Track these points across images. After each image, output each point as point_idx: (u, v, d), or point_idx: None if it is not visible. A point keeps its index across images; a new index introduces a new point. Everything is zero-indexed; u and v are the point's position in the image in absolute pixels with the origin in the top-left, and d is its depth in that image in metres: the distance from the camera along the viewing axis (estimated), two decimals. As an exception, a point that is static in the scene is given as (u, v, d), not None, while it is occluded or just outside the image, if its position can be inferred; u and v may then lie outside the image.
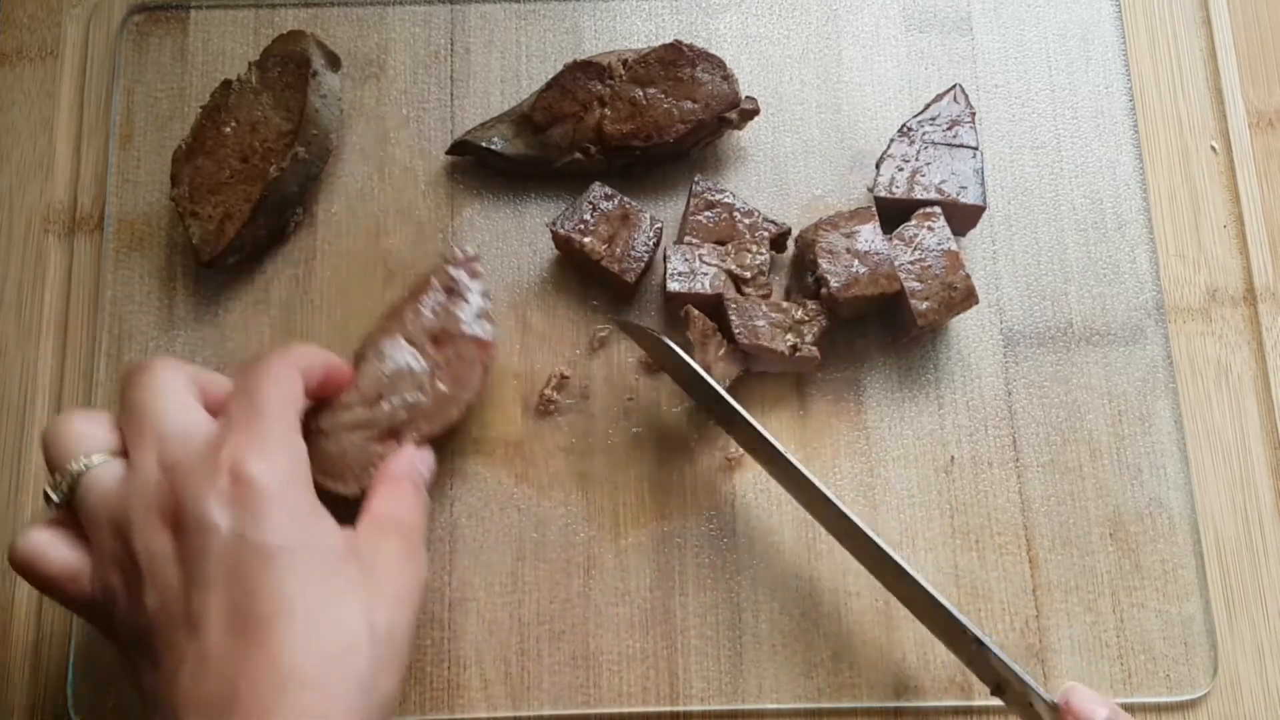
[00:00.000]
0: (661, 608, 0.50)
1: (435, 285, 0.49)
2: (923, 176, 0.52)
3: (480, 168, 0.55)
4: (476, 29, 0.58)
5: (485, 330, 0.48)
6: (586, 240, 0.51)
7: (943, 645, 0.46)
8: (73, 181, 0.56)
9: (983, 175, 0.52)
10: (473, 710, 0.49)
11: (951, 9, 0.58)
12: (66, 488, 0.39)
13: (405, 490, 0.44)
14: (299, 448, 0.40)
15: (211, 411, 0.41)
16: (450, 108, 0.57)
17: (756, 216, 0.52)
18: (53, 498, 0.39)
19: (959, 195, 0.52)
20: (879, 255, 0.50)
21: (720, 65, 0.53)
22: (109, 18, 0.58)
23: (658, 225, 0.52)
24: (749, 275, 0.51)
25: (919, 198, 0.52)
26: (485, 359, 0.48)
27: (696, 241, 0.51)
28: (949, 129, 0.53)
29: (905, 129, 0.53)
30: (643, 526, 0.51)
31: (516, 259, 0.54)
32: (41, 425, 0.53)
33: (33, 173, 0.56)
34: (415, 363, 0.47)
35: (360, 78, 0.57)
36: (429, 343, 0.47)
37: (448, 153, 0.55)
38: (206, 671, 0.35)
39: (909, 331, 0.52)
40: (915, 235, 0.51)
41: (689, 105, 0.53)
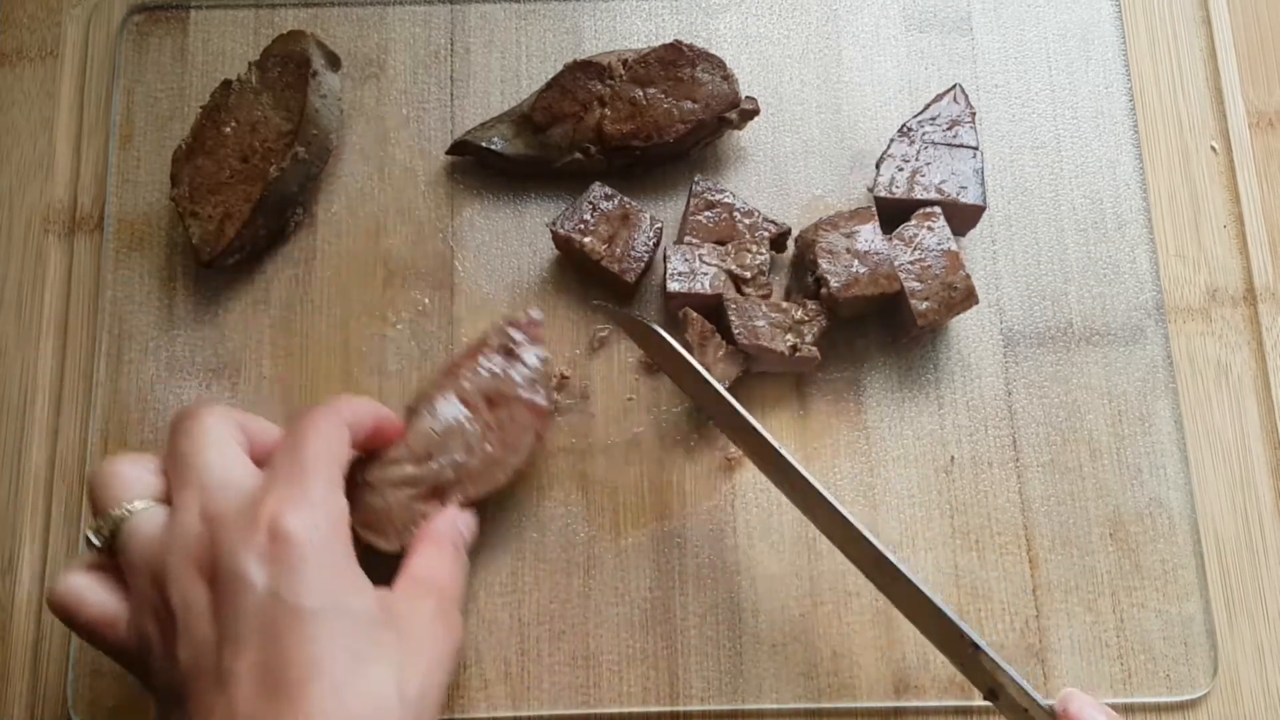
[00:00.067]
0: (661, 608, 0.50)
1: (494, 345, 0.48)
2: (923, 176, 0.52)
3: (480, 168, 0.55)
4: (476, 29, 0.58)
5: (541, 396, 0.47)
6: (586, 240, 0.51)
7: (930, 649, 0.45)
8: (73, 181, 0.56)
9: (983, 175, 0.52)
10: (472, 710, 0.49)
11: (951, 9, 0.58)
12: (108, 532, 0.39)
13: (446, 552, 0.44)
14: (340, 506, 0.39)
15: (258, 461, 0.41)
16: (450, 108, 0.57)
17: (756, 216, 0.52)
18: (94, 542, 0.39)
19: (959, 195, 0.52)
20: (879, 255, 0.50)
21: (720, 65, 0.53)
22: (109, 18, 0.58)
23: (658, 225, 0.52)
24: (749, 275, 0.51)
25: (919, 198, 0.52)
26: (538, 426, 0.47)
27: (696, 241, 0.51)
28: (949, 129, 0.53)
29: (905, 129, 0.53)
30: (643, 526, 0.51)
31: (516, 259, 0.54)
32: (42, 425, 0.53)
33: (33, 173, 0.56)
34: (467, 423, 0.46)
35: (360, 78, 0.57)
36: (483, 404, 0.46)
37: (448, 153, 0.55)
38: None
39: (909, 331, 0.52)
40: (915, 235, 0.51)
41: (689, 105, 0.53)
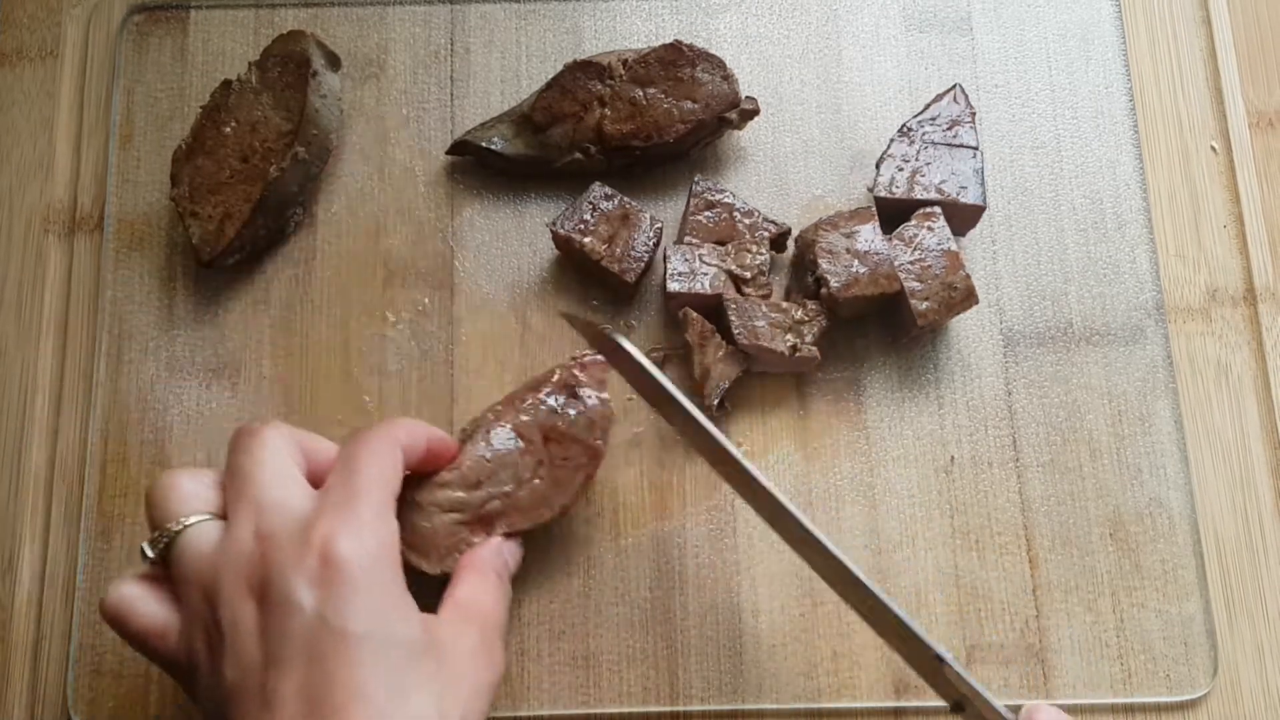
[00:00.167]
0: (661, 608, 0.50)
1: (557, 382, 0.47)
2: (923, 176, 0.52)
3: (480, 168, 0.55)
4: (476, 29, 0.58)
5: (597, 438, 0.47)
6: (586, 240, 0.51)
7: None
8: (73, 181, 0.56)
9: (983, 175, 0.52)
10: (473, 710, 0.49)
11: (951, 9, 0.58)
12: (163, 545, 0.39)
13: (490, 581, 0.44)
14: (391, 531, 0.39)
15: (315, 480, 0.41)
16: (450, 108, 0.57)
17: (756, 216, 0.52)
18: (149, 554, 0.39)
19: (959, 195, 0.52)
20: (879, 255, 0.50)
21: (720, 65, 0.53)
22: (109, 18, 0.58)
23: (658, 225, 0.52)
24: (749, 275, 0.51)
25: (919, 198, 0.52)
26: (590, 468, 0.47)
27: (696, 241, 0.51)
28: (949, 129, 0.53)
29: (905, 129, 0.53)
30: (643, 526, 0.51)
31: (516, 259, 0.54)
32: (42, 425, 0.53)
33: (33, 173, 0.56)
34: (520, 456, 0.46)
35: (360, 78, 0.57)
36: (539, 438, 0.46)
37: (448, 153, 0.55)
38: None
39: (909, 331, 0.52)
40: (915, 235, 0.51)
41: (689, 105, 0.53)
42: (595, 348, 0.48)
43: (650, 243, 0.52)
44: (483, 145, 0.54)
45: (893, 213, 0.52)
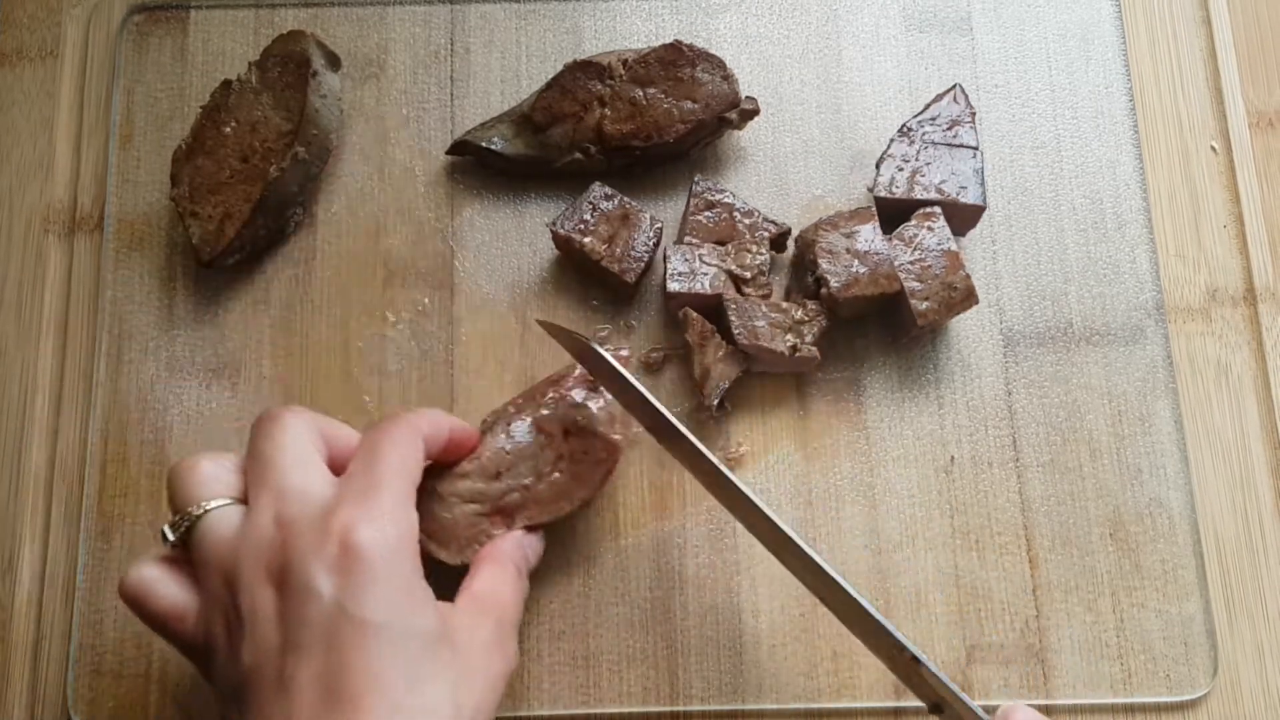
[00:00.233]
0: (661, 608, 0.50)
1: (578, 376, 0.47)
2: (923, 176, 0.52)
3: (480, 168, 0.55)
4: (476, 29, 0.58)
5: (617, 434, 0.47)
6: (586, 240, 0.51)
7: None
8: (73, 181, 0.56)
9: (983, 175, 0.52)
10: (473, 710, 0.49)
11: (951, 9, 0.58)
12: (184, 529, 0.39)
13: (509, 573, 0.44)
14: (410, 521, 0.40)
15: (336, 467, 0.41)
16: (450, 108, 0.57)
17: (756, 216, 0.52)
18: (169, 537, 0.40)
19: (959, 195, 0.52)
20: (879, 255, 0.50)
21: (720, 65, 0.53)
22: (109, 18, 0.58)
23: (658, 225, 0.52)
24: (749, 275, 0.51)
25: (919, 198, 0.52)
26: (610, 463, 0.47)
27: (696, 241, 0.51)
28: (949, 129, 0.53)
29: (905, 129, 0.53)
30: (643, 526, 0.51)
31: (516, 259, 0.54)
32: (42, 425, 0.53)
33: (33, 173, 0.56)
34: (540, 449, 0.46)
35: (360, 78, 0.57)
36: (559, 432, 0.46)
37: (448, 153, 0.55)
38: None
39: (909, 331, 0.52)
40: (915, 235, 0.51)
41: (689, 105, 0.53)
42: (574, 356, 0.48)
43: (650, 243, 0.52)
44: (483, 145, 0.54)
45: (893, 213, 0.52)
